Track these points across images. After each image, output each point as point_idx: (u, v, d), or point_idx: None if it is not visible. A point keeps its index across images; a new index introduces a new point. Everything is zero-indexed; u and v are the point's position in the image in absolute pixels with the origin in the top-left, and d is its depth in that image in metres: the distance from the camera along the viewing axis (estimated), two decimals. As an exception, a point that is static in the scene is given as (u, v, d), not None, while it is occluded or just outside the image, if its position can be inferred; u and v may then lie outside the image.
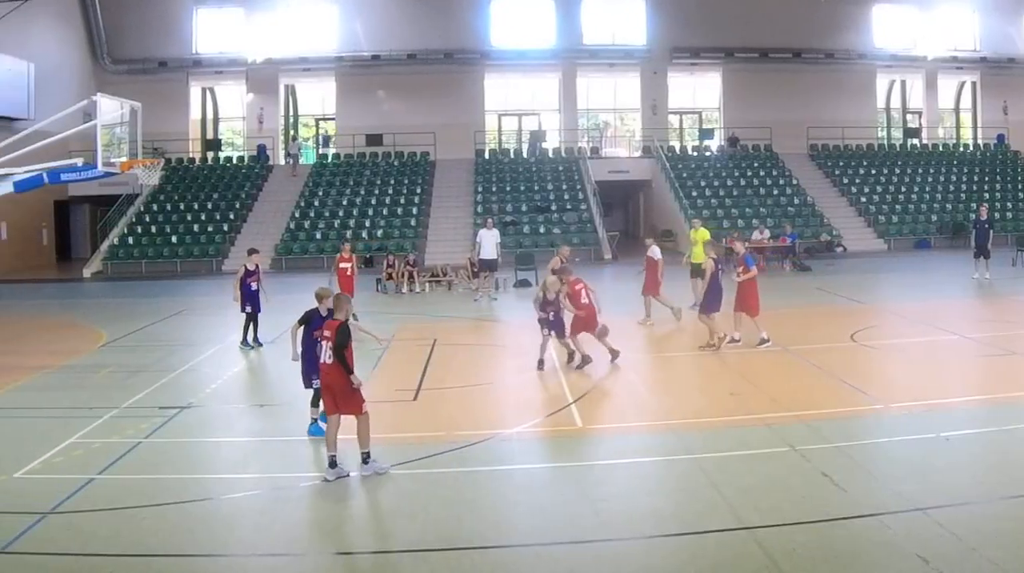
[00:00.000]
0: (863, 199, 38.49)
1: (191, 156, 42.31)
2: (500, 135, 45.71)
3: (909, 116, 47.41)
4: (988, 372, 13.14)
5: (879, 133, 46.27)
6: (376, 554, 7.22)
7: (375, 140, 41.28)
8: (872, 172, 40.80)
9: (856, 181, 39.93)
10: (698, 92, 46.17)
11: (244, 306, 16.07)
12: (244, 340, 16.01)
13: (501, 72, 43.96)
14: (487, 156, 42.02)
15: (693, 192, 37.79)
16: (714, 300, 14.76)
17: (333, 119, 44.34)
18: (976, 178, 40.65)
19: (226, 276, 27.82)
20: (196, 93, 43.79)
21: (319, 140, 45.05)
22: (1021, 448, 9.30)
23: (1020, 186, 40.26)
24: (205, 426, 11.19)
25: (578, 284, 13.77)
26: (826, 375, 12.66)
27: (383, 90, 42.45)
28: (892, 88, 46.99)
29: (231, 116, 45.27)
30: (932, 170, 41.21)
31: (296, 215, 36.29)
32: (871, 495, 7.81)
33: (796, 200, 37.99)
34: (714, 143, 44.23)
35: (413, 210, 37.03)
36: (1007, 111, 44.79)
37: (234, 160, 42.68)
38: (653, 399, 12.21)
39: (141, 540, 7.30)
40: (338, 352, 8.60)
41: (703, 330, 14.96)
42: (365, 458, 8.71)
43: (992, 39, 44.39)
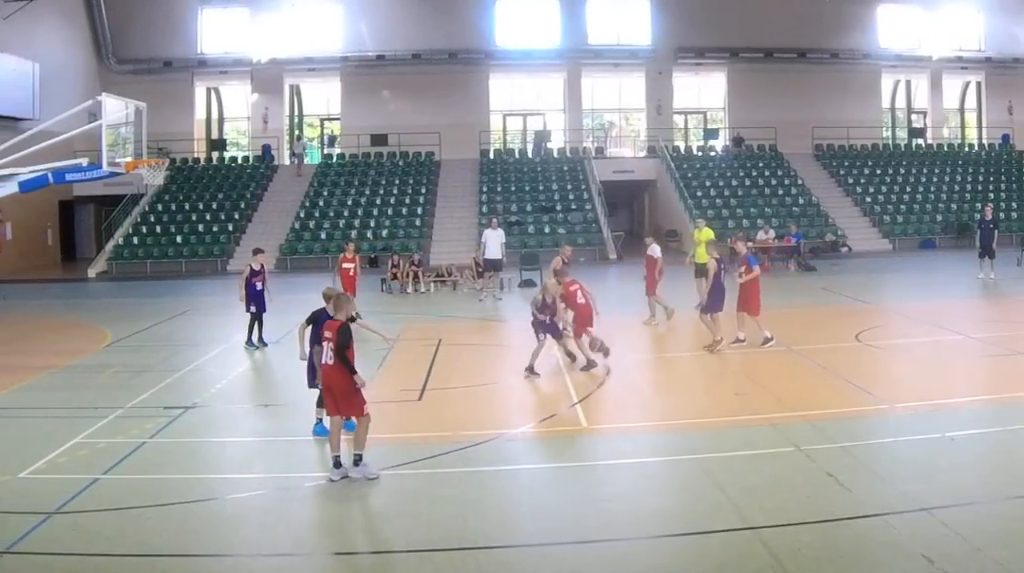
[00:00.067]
0: (868, 199, 38.43)
1: (196, 156, 42.40)
2: (505, 135, 45.73)
3: (914, 116, 47.36)
4: (993, 372, 13.11)
5: (884, 133, 46.24)
6: (381, 554, 7.22)
7: (380, 140, 41.32)
8: (877, 172, 40.75)
9: (861, 181, 39.88)
10: (703, 92, 46.17)
11: (249, 306, 16.06)
12: (249, 340, 16.02)
13: (506, 72, 44.00)
14: (492, 156, 42.05)
15: (698, 192, 37.79)
16: (717, 301, 14.73)
17: (338, 119, 44.36)
18: (981, 178, 40.59)
19: (231, 276, 27.93)
20: (201, 93, 43.84)
21: (324, 140, 45.09)
22: (1027, 448, 9.27)
23: (1025, 186, 40.23)
24: (210, 426, 11.19)
25: (573, 285, 13.76)
26: (831, 375, 12.64)
27: (388, 90, 42.48)
28: (897, 88, 46.94)
29: (236, 116, 45.32)
30: (937, 170, 41.15)
31: (301, 215, 36.33)
32: (876, 495, 7.79)
33: (801, 200, 37.95)
34: (719, 143, 44.20)
35: (418, 210, 37.05)
36: (1012, 111, 44.71)
37: (239, 160, 42.71)
38: (657, 399, 12.20)
39: (146, 540, 7.30)
40: (340, 353, 8.57)
41: (706, 330, 14.93)
42: (357, 460, 8.60)
43: (997, 39, 44.30)
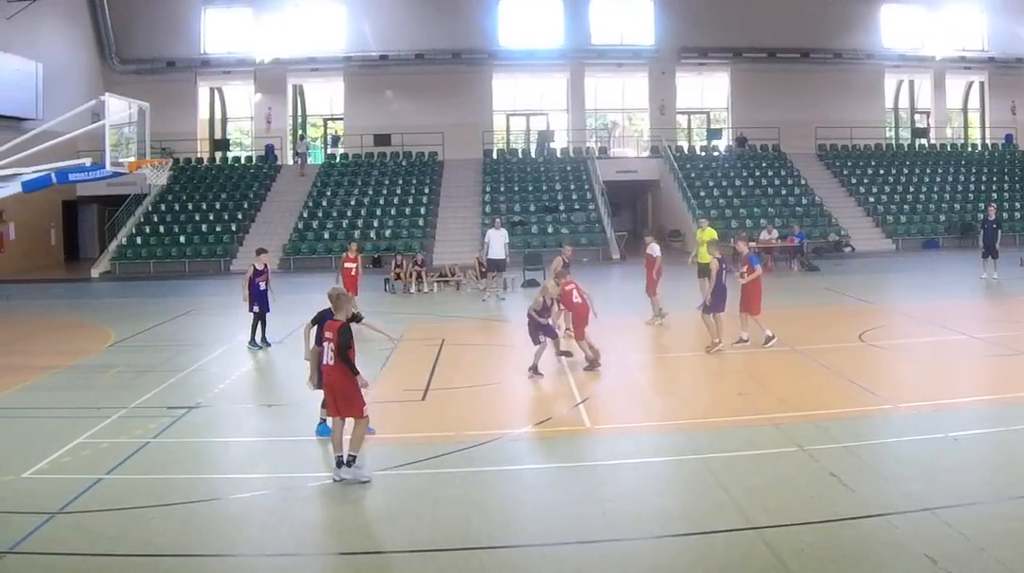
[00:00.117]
0: (871, 199, 38.39)
1: (199, 156, 42.43)
2: (508, 135, 45.74)
3: (917, 116, 47.33)
4: (996, 372, 13.10)
5: (887, 133, 46.22)
6: (384, 554, 7.22)
7: (383, 140, 41.35)
8: (880, 172, 40.71)
9: (864, 181, 39.84)
10: (706, 92, 46.15)
11: (252, 306, 16.05)
12: (252, 340, 16.03)
13: (509, 72, 43.99)
14: (495, 156, 42.02)
15: (701, 192, 37.76)
16: (719, 301, 14.71)
17: (341, 119, 44.42)
18: (984, 178, 40.55)
19: (234, 276, 27.92)
20: (204, 93, 43.87)
21: (327, 140, 45.10)
22: (1030, 449, 9.26)
23: (1029, 186, 40.17)
24: (213, 426, 11.20)
25: (569, 285, 13.83)
26: (834, 375, 12.63)
27: (391, 90, 42.49)
28: (900, 88, 46.91)
29: (239, 116, 45.39)
30: (940, 170, 41.10)
31: (304, 215, 36.35)
32: (879, 495, 7.79)
33: (804, 200, 37.92)
34: (722, 143, 44.17)
35: (421, 210, 37.06)
36: (1015, 111, 44.70)
37: (242, 160, 42.76)
38: (660, 399, 12.20)
39: (149, 540, 7.31)
40: (342, 353, 8.52)
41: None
42: (351, 461, 8.53)
43: (1000, 39, 44.26)
